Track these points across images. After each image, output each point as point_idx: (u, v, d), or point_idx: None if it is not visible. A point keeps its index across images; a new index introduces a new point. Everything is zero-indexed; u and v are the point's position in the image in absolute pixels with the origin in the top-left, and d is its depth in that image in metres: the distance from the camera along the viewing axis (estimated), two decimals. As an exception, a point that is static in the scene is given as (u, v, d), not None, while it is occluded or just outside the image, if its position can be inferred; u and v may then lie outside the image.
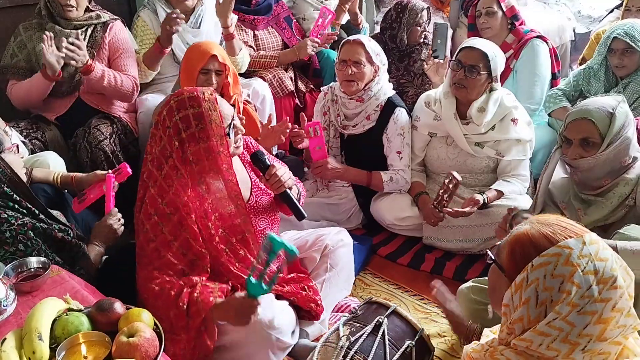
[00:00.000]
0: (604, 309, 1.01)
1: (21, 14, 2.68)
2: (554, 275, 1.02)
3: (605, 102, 1.75)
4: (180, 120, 1.64)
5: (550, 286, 1.03)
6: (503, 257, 1.13)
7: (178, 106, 1.65)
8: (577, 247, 1.03)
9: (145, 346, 1.21)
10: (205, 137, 1.64)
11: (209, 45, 2.42)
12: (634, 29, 2.54)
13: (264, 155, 1.82)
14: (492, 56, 2.31)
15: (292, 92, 3.18)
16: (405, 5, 2.99)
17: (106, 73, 2.50)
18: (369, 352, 1.50)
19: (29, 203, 1.66)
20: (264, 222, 1.87)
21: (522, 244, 1.09)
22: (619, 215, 1.75)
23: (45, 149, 2.44)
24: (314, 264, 2.05)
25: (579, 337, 1.00)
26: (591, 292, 1.00)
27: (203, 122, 1.63)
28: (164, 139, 1.66)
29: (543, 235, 1.06)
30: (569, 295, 1.01)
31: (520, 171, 2.43)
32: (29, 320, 1.25)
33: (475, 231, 2.39)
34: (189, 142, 1.64)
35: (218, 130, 1.65)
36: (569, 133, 1.79)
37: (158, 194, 1.66)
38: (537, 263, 1.04)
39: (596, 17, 4.23)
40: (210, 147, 1.65)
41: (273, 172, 1.80)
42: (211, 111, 1.64)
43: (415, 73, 3.02)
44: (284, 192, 1.83)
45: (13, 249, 1.57)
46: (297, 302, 1.85)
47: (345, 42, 2.49)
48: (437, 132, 2.50)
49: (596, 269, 1.02)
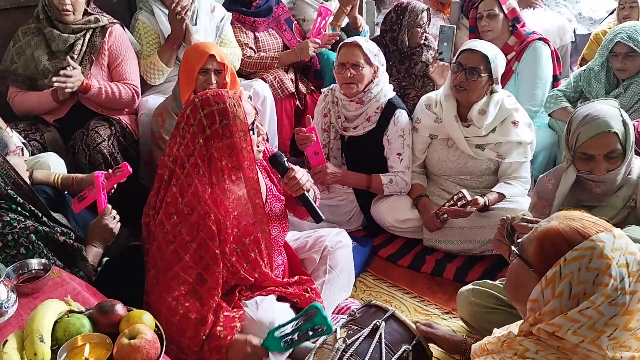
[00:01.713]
0: (631, 301, 1.03)
1: (21, 15, 2.67)
2: (589, 268, 1.04)
3: (611, 112, 1.71)
4: (204, 117, 1.63)
5: (585, 279, 1.04)
6: (530, 253, 1.14)
7: (202, 104, 1.64)
8: (609, 240, 1.05)
9: (147, 348, 1.21)
10: (228, 133, 1.63)
11: (206, 45, 2.43)
12: (637, 33, 2.54)
13: (282, 158, 1.82)
14: (492, 58, 2.32)
15: (292, 94, 3.18)
16: (405, 7, 2.99)
17: (103, 89, 2.50)
18: (365, 355, 1.49)
19: (32, 206, 1.66)
20: (276, 229, 1.87)
21: (553, 239, 1.09)
22: (621, 217, 1.75)
23: (44, 150, 2.44)
24: (313, 265, 2.06)
25: (605, 326, 1.03)
26: (623, 284, 1.03)
27: (227, 118, 1.63)
28: (187, 137, 1.65)
29: (574, 230, 1.08)
30: (605, 287, 1.02)
31: (521, 173, 2.43)
32: (30, 322, 1.25)
33: (476, 233, 2.39)
34: (213, 138, 1.63)
35: (242, 126, 1.64)
36: (590, 150, 1.70)
37: (179, 192, 1.66)
38: (571, 257, 1.05)
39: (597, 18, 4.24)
40: (233, 143, 1.64)
41: (292, 175, 1.79)
42: (235, 107, 1.64)
43: (416, 75, 3.02)
44: (302, 194, 1.82)
45: (14, 252, 1.57)
46: (300, 305, 1.84)
47: (343, 45, 2.49)
48: (438, 134, 2.50)
49: (627, 262, 1.04)
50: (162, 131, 2.42)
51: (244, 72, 3.12)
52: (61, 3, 2.41)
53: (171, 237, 1.65)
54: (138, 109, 2.75)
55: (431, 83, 3.00)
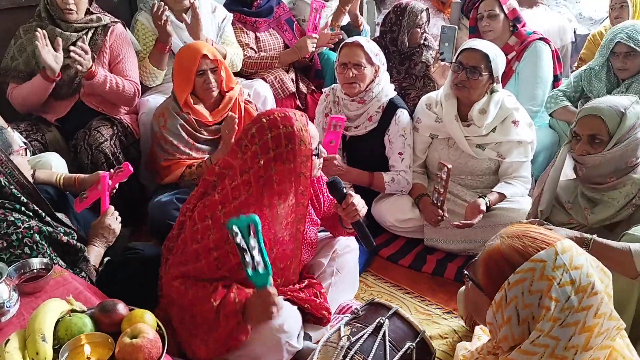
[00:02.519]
0: (586, 317, 1.00)
1: (22, 15, 2.67)
2: (532, 291, 1.01)
3: (619, 102, 1.75)
4: (271, 139, 1.60)
5: (530, 303, 1.02)
6: (479, 275, 1.12)
7: (270, 125, 1.61)
8: (550, 259, 1.02)
9: (149, 347, 1.21)
10: (292, 157, 1.61)
11: (197, 45, 2.43)
12: (637, 32, 2.55)
13: (341, 184, 1.79)
14: (493, 57, 2.32)
15: (293, 94, 3.18)
16: (404, 8, 2.99)
17: (108, 78, 2.50)
18: (369, 352, 1.50)
19: (35, 205, 1.66)
20: (307, 253, 1.87)
21: (496, 261, 1.07)
22: (626, 214, 1.75)
23: (46, 150, 2.43)
24: (320, 269, 2.04)
25: (565, 350, 1.00)
26: (571, 303, 1.00)
27: (293, 143, 1.61)
28: (247, 154, 1.63)
29: (514, 250, 1.05)
30: (548, 311, 1.00)
31: (521, 173, 2.43)
32: (32, 321, 1.25)
33: (476, 232, 2.39)
34: (276, 161, 1.61)
35: (306, 152, 1.63)
36: (578, 128, 1.79)
37: (220, 201, 1.64)
38: (513, 280, 1.03)
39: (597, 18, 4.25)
40: (295, 167, 1.63)
41: (350, 202, 1.77)
42: (302, 132, 1.62)
43: (416, 75, 3.02)
44: (357, 222, 1.81)
45: (19, 252, 1.57)
46: (310, 310, 1.84)
47: (344, 45, 2.49)
48: (439, 134, 2.50)
49: (572, 278, 1.01)
50: (164, 131, 2.42)
51: (244, 72, 3.12)
52: (64, 2, 2.41)
53: (199, 237, 1.64)
54: (139, 108, 2.75)
55: (431, 83, 2.99)
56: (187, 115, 2.42)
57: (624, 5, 3.35)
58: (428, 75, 3.01)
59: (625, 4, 3.34)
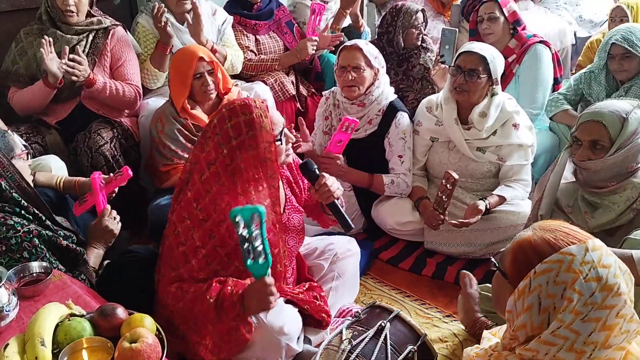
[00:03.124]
0: (608, 316, 1.00)
1: (23, 18, 2.68)
2: (557, 282, 1.02)
3: (620, 107, 1.73)
4: (231, 128, 1.62)
5: (553, 293, 1.02)
6: (506, 264, 1.13)
7: (230, 114, 1.63)
8: (579, 253, 1.03)
9: (148, 352, 1.21)
10: (254, 144, 1.63)
11: (192, 48, 2.43)
12: (632, 34, 2.57)
13: (313, 166, 1.80)
14: (490, 59, 2.32)
15: (293, 96, 3.18)
16: (399, 9, 2.99)
17: (107, 85, 2.50)
18: (371, 356, 1.50)
19: (35, 209, 1.66)
20: (293, 240, 1.87)
21: (525, 251, 1.08)
22: (626, 219, 1.74)
23: (46, 153, 2.43)
24: (321, 272, 2.04)
25: (585, 345, 1.00)
26: (594, 299, 1.00)
27: (253, 129, 1.62)
28: (210, 145, 1.65)
29: (545, 242, 1.06)
30: (570, 302, 1.00)
31: (522, 176, 2.43)
32: (31, 325, 1.25)
33: (477, 236, 2.39)
34: (240, 149, 1.63)
35: (267, 137, 1.64)
36: (579, 134, 1.77)
37: (194, 198, 1.65)
38: (540, 270, 1.04)
39: (597, 21, 4.26)
40: (258, 154, 1.64)
41: (323, 182, 1.77)
42: (262, 118, 1.63)
43: (414, 78, 3.02)
44: (333, 202, 1.81)
45: (18, 256, 1.57)
46: (310, 312, 1.83)
47: (343, 48, 2.49)
48: (439, 137, 2.50)
49: (599, 275, 1.01)
50: (162, 136, 2.42)
51: (244, 75, 3.12)
52: (64, 4, 2.41)
53: (183, 239, 1.65)
54: (139, 111, 2.75)
55: (430, 86, 2.99)
56: (185, 120, 2.42)
57: (624, 18, 3.37)
58: (426, 78, 3.01)
59: (626, 17, 3.35)
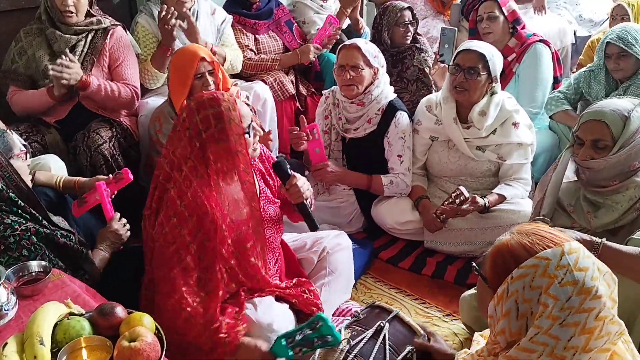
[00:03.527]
0: (587, 319, 1.00)
1: (23, 17, 2.67)
2: (532, 287, 1.02)
3: (621, 105, 1.72)
4: (200, 121, 1.65)
5: (529, 298, 1.02)
6: (486, 268, 1.13)
7: (198, 107, 1.66)
8: (554, 257, 1.02)
9: (147, 351, 1.21)
10: (224, 137, 1.65)
11: (193, 48, 2.42)
12: (627, 33, 2.57)
13: (286, 165, 1.82)
14: (489, 56, 2.32)
15: (293, 96, 3.18)
16: (386, 7, 3.02)
17: (102, 86, 2.49)
18: (369, 356, 1.50)
19: (32, 209, 1.66)
20: (270, 230, 1.88)
21: (503, 255, 1.09)
22: (629, 218, 1.73)
23: (45, 152, 2.43)
24: (311, 265, 2.06)
25: (565, 350, 1.00)
26: (571, 303, 0.99)
27: (222, 122, 1.64)
28: (183, 140, 1.67)
29: (522, 246, 1.06)
30: (546, 307, 1.00)
31: (522, 175, 2.43)
32: (30, 324, 1.25)
33: (477, 234, 2.39)
34: (209, 142, 1.65)
35: (237, 130, 1.66)
36: (581, 133, 1.76)
37: (178, 195, 1.66)
38: (516, 275, 1.04)
39: (597, 20, 4.25)
40: (229, 146, 1.66)
41: (294, 183, 1.80)
42: (230, 110, 1.65)
43: (408, 79, 3.00)
44: (302, 202, 1.83)
45: (17, 254, 1.57)
46: (298, 306, 1.85)
47: (342, 47, 2.50)
48: (439, 136, 2.50)
49: (575, 279, 1.00)
50: (160, 136, 2.42)
51: (244, 74, 3.12)
52: (63, 4, 2.40)
53: (171, 238, 1.66)
54: (138, 110, 2.74)
55: (425, 87, 2.98)
56: (183, 120, 2.41)
57: (624, 17, 3.37)
58: (421, 79, 2.99)
59: (627, 15, 3.35)
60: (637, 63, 2.59)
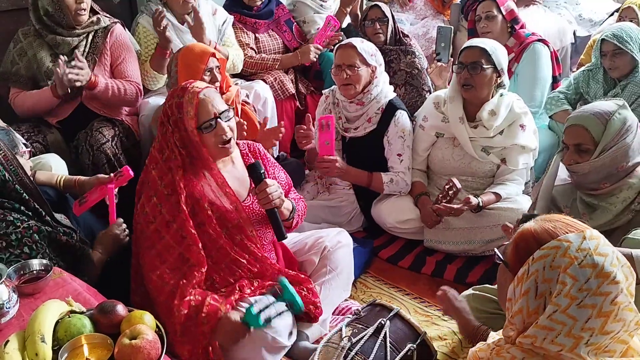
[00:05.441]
0: (603, 303, 1.01)
1: (24, 17, 2.66)
2: (552, 266, 1.04)
3: (603, 108, 1.74)
4: (168, 108, 1.75)
5: (549, 278, 1.04)
6: (508, 254, 1.16)
7: (171, 94, 1.78)
8: (576, 241, 1.04)
9: (148, 348, 1.21)
10: (183, 127, 1.72)
11: (202, 45, 2.46)
12: (622, 31, 2.59)
13: (261, 169, 1.82)
14: (491, 50, 2.32)
15: (293, 95, 3.19)
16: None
17: (109, 85, 2.50)
18: (370, 353, 1.51)
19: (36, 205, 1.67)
20: (259, 224, 1.88)
21: (526, 239, 1.11)
22: (624, 219, 1.74)
23: (47, 152, 2.43)
24: (313, 266, 2.06)
25: (582, 331, 1.01)
26: (589, 285, 1.01)
27: (181, 112, 1.72)
28: (165, 124, 1.75)
29: (545, 230, 1.09)
30: (564, 286, 1.02)
31: (515, 176, 2.43)
32: (31, 322, 1.26)
33: (476, 233, 2.39)
34: (174, 128, 1.73)
35: (190, 124, 1.72)
36: (565, 138, 1.81)
37: (158, 175, 1.74)
38: (538, 256, 1.06)
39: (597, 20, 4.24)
40: (188, 136, 1.73)
41: (263, 188, 1.79)
42: (188, 104, 1.71)
43: (396, 83, 2.97)
44: (270, 209, 1.83)
45: (18, 251, 1.57)
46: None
47: (339, 47, 2.50)
48: (445, 133, 2.49)
49: (594, 262, 1.02)
50: (160, 135, 2.43)
51: (244, 73, 3.13)
52: (78, 2, 2.40)
53: (151, 217, 1.72)
54: (140, 109, 2.75)
55: (415, 90, 2.96)
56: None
57: (633, 19, 3.35)
58: (410, 83, 2.98)
59: (635, 18, 3.32)
60: (632, 61, 2.60)
